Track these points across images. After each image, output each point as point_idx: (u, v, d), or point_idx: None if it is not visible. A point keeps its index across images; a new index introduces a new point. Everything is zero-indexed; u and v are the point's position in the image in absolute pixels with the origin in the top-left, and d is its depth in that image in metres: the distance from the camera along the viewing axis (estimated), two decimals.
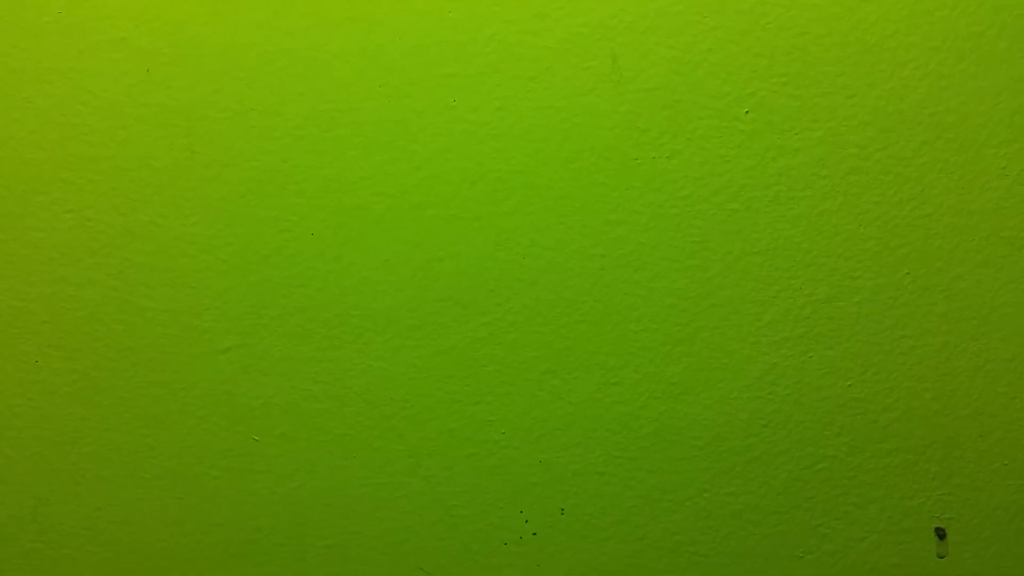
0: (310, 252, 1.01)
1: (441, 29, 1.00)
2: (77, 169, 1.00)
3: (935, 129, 1.01)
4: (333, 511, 1.03)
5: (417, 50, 1.00)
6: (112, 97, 1.00)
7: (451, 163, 1.01)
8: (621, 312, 1.03)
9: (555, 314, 1.03)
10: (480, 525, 1.04)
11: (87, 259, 1.00)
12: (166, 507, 1.03)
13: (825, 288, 1.03)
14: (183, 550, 1.03)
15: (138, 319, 1.01)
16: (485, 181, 1.01)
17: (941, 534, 1.06)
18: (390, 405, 1.03)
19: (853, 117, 1.01)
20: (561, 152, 1.01)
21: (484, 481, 1.04)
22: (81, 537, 1.03)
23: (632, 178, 1.02)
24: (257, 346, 1.02)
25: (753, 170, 1.02)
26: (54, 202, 1.00)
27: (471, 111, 1.00)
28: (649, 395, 1.04)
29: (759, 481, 1.05)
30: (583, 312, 1.03)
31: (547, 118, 1.01)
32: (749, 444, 1.04)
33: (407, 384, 1.03)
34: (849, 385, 1.04)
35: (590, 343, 1.03)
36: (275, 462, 1.03)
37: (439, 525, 1.04)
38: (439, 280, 1.02)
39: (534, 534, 1.05)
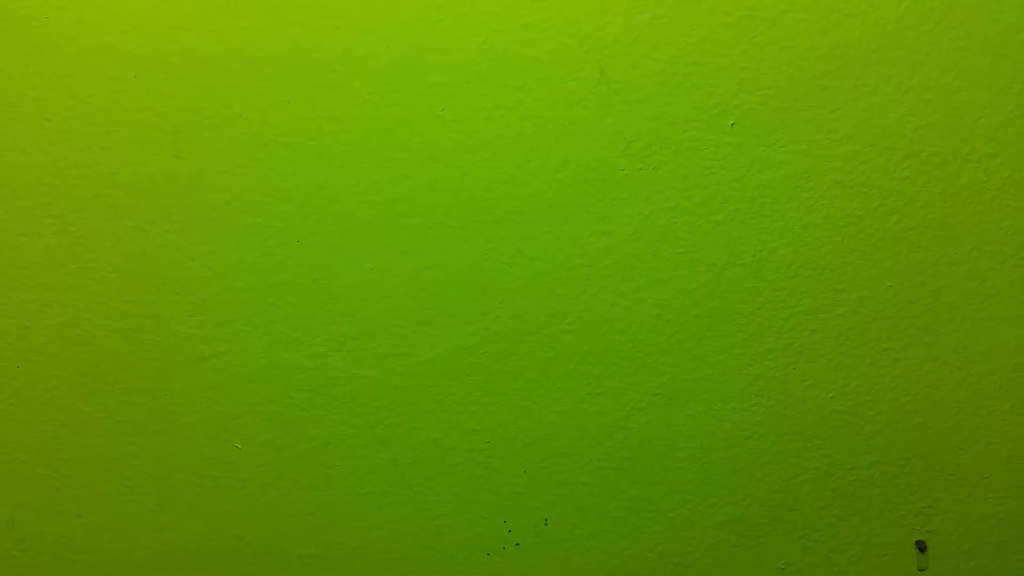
0: (296, 259, 1.01)
1: (429, 38, 1.00)
2: (62, 174, 0.99)
3: (918, 143, 1.02)
4: (316, 520, 1.03)
5: (405, 59, 1.00)
6: (98, 102, 0.99)
7: (438, 172, 1.01)
8: (606, 322, 1.03)
9: (540, 324, 1.03)
10: (464, 535, 1.04)
11: (70, 264, 1.00)
12: (147, 515, 1.02)
13: (809, 300, 1.03)
14: (164, 558, 1.02)
15: (121, 325, 1.01)
16: (472, 190, 1.01)
17: (922, 547, 1.06)
18: (374, 414, 1.03)
19: (837, 130, 1.02)
20: (548, 162, 1.01)
21: (468, 491, 1.04)
22: (60, 544, 1.02)
23: (618, 189, 1.02)
24: (241, 353, 1.01)
25: (738, 182, 1.02)
26: (37, 207, 0.99)
27: (459, 120, 1.01)
28: (633, 406, 1.04)
29: (742, 492, 1.05)
30: (568, 322, 1.03)
31: (534, 128, 1.01)
32: (732, 455, 1.04)
33: (392, 393, 1.02)
34: (832, 397, 1.04)
35: (575, 353, 1.03)
36: (258, 470, 1.02)
37: (422, 534, 1.04)
38: (425, 289, 1.02)
39: (517, 544, 1.04)
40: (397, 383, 1.02)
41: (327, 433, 1.02)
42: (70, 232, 1.00)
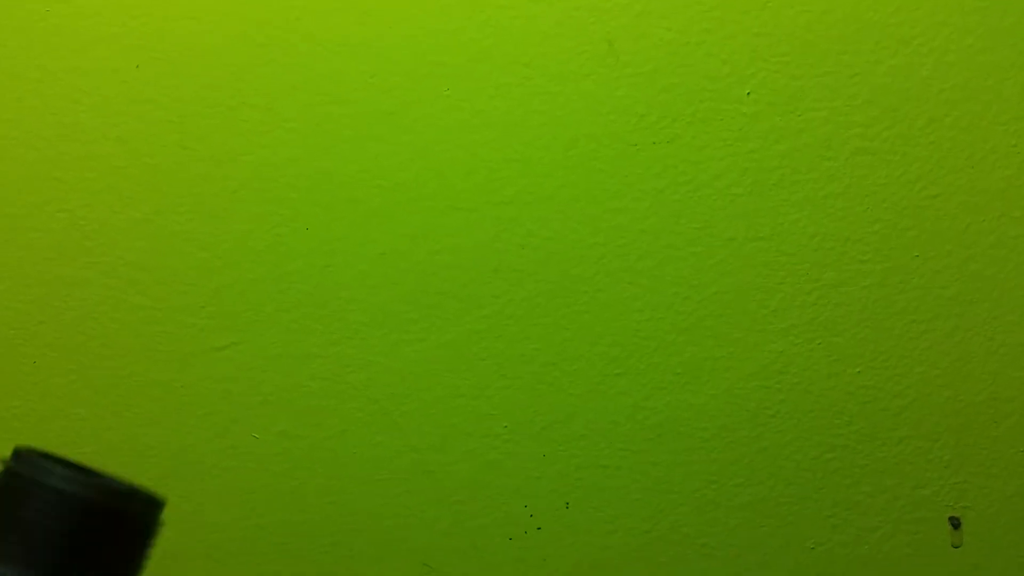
0: (305, 247, 1.00)
1: (433, 16, 0.98)
2: (70, 168, 0.99)
3: (942, 107, 0.99)
4: (335, 508, 1.02)
5: (408, 39, 0.98)
6: (103, 95, 0.99)
7: (446, 153, 0.99)
8: (623, 302, 1.01)
9: (555, 305, 1.01)
10: (484, 521, 1.03)
11: (82, 258, 1.00)
12: (166, 506, 1.02)
13: (832, 273, 1.01)
14: (184, 550, 1.02)
15: (134, 318, 1.00)
16: (481, 171, 1.00)
17: (956, 523, 1.03)
18: (390, 400, 1.02)
19: (858, 96, 0.99)
20: (558, 139, 0.99)
21: (487, 476, 1.03)
22: None
23: (631, 164, 1.00)
24: (254, 343, 1.01)
25: (756, 153, 1.00)
26: (48, 202, 0.99)
27: (465, 99, 0.99)
28: (653, 386, 1.02)
29: (768, 472, 1.03)
30: (584, 303, 1.01)
31: (543, 105, 0.99)
32: (757, 434, 1.02)
33: (407, 379, 1.01)
34: (858, 372, 1.02)
35: (592, 334, 1.01)
36: (275, 459, 1.02)
37: (443, 521, 1.03)
38: (437, 273, 1.00)
39: (539, 529, 1.03)
40: (411, 369, 1.01)
41: (343, 421, 1.02)
42: (80, 226, 1.00)
